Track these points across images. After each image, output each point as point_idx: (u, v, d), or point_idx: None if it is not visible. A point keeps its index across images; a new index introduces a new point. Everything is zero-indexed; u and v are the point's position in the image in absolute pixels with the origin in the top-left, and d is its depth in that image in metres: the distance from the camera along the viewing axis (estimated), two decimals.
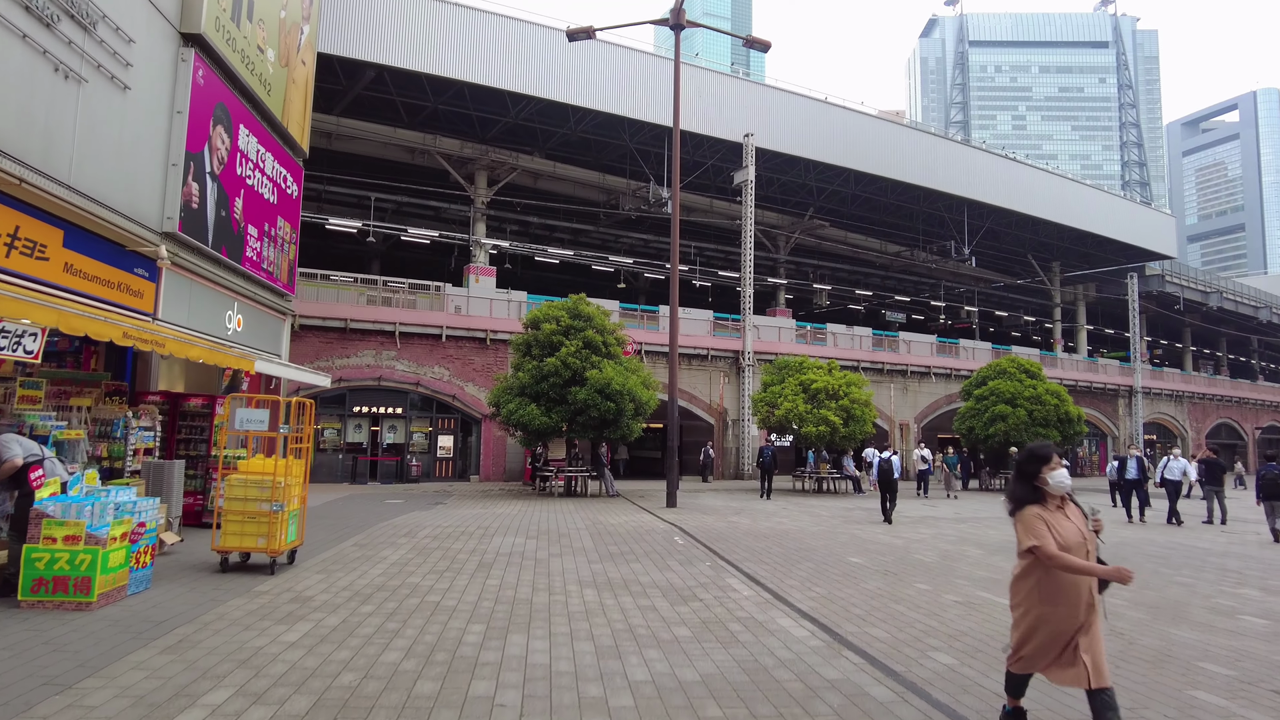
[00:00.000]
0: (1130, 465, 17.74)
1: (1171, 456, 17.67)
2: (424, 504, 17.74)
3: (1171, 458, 17.68)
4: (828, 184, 38.54)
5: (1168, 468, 17.58)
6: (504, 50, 28.75)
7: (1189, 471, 17.57)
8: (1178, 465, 17.49)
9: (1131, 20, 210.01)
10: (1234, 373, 66.12)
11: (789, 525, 14.36)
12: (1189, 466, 17.69)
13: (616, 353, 21.37)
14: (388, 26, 26.89)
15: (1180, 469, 17.46)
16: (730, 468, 31.34)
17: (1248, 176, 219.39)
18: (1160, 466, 18.03)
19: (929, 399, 37.36)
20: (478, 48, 28.44)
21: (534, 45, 29.25)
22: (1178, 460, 17.62)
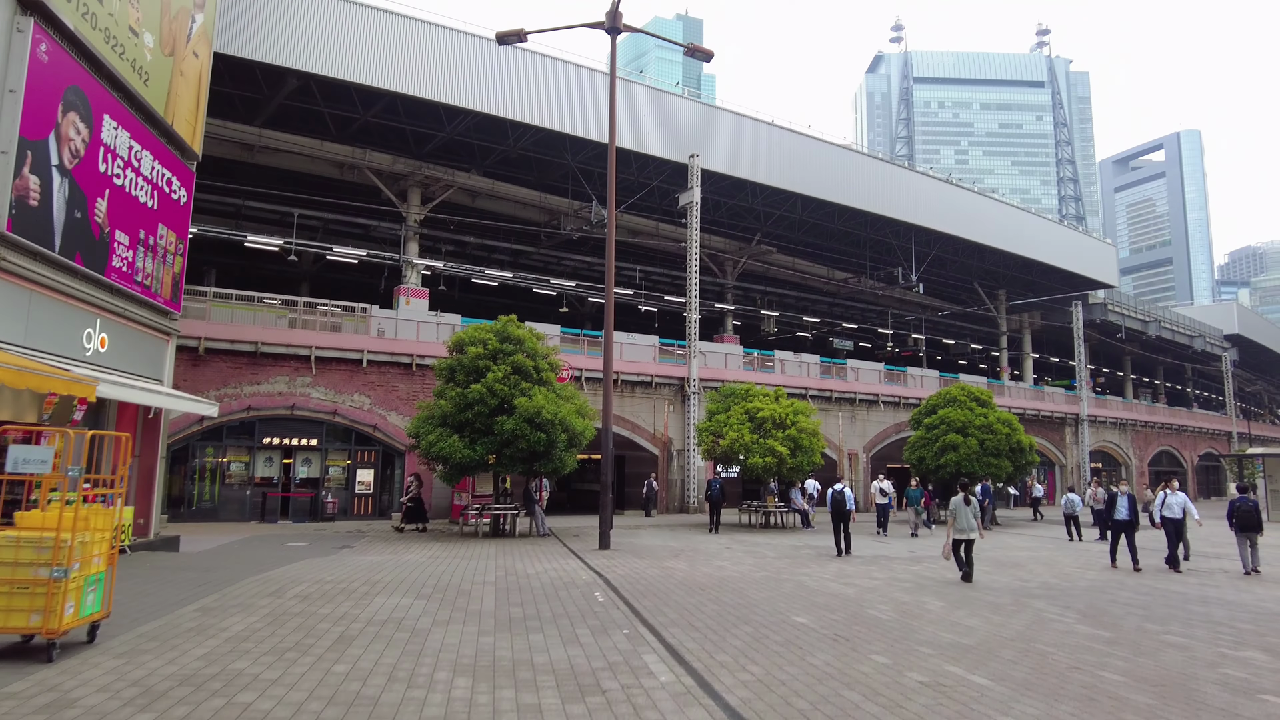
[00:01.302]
0: (1121, 504, 15.29)
1: (1169, 491, 15.61)
2: (329, 548, 15.81)
3: (1169, 492, 15.45)
4: (775, 209, 37.74)
5: (1166, 504, 15.31)
6: (438, 61, 27.26)
7: (1189, 508, 15.18)
8: (1177, 500, 15.21)
9: (1065, 62, 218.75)
10: (1171, 401, 67.27)
11: (730, 570, 12.86)
12: (1189, 503, 15.29)
13: (550, 379, 19.76)
14: (312, 32, 25.18)
15: (1180, 504, 15.20)
16: (675, 501, 29.81)
17: (1174, 213, 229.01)
18: (1157, 502, 15.84)
19: (878, 427, 36.47)
20: (410, 58, 26.88)
21: (470, 57, 27.82)
22: (1176, 494, 15.33)
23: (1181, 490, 15.89)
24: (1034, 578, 12.87)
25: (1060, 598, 10.78)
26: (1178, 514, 15.14)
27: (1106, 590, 11.57)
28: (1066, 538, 21.24)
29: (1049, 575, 13.27)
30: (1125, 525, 15.09)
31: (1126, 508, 15.14)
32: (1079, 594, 11.19)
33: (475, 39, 28.15)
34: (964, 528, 12.32)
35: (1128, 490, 15.55)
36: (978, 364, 56.10)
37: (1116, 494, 15.58)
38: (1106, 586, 11.93)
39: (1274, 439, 64.60)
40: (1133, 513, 15.11)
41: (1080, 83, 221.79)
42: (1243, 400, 67.16)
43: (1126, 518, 15.07)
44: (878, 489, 23.31)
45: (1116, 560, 15.28)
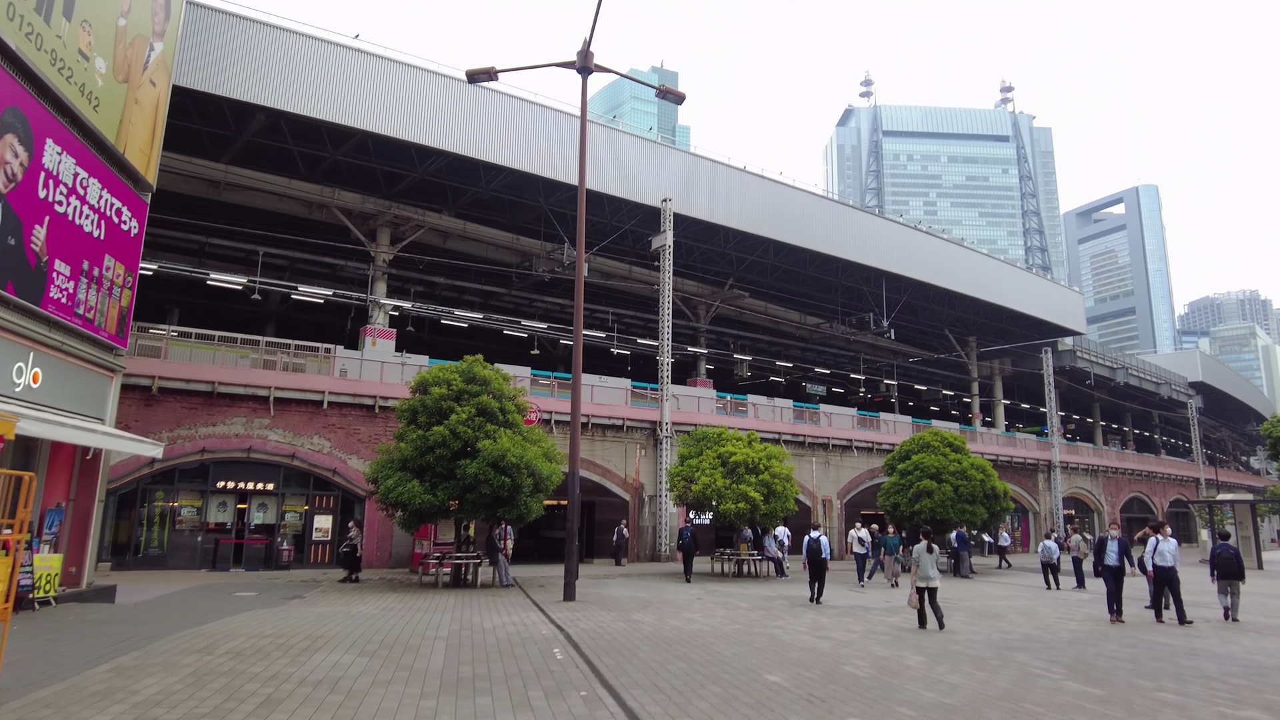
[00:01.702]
0: (1111, 549, 14.41)
1: (1161, 537, 14.34)
2: (278, 598, 14.92)
3: (1161, 538, 14.34)
4: (748, 254, 37.79)
5: (1158, 552, 14.21)
6: (411, 101, 27.08)
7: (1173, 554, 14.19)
8: (1169, 548, 14.15)
9: (1028, 118, 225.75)
10: (1139, 447, 67.83)
11: (700, 624, 12.20)
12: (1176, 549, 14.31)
13: (516, 421, 19.14)
14: (282, 69, 24.91)
15: (1173, 551, 14.14)
16: (647, 548, 29.01)
17: (1135, 264, 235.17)
18: (1149, 549, 14.55)
19: (851, 473, 36.08)
20: (382, 97, 26.68)
21: (443, 97, 27.70)
22: (1168, 541, 14.28)
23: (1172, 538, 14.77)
24: (1015, 629, 12.36)
25: (1044, 650, 10.28)
26: (1169, 561, 14.07)
27: (1091, 642, 11.08)
28: (1044, 586, 20.81)
29: (1030, 626, 12.77)
30: (1115, 571, 14.26)
31: (1116, 553, 14.31)
32: (1063, 646, 10.70)
33: (448, 80, 28.06)
34: (927, 575, 12.35)
35: (1119, 535, 14.75)
36: (949, 410, 56.21)
37: (1106, 539, 14.83)
38: (1090, 638, 11.45)
39: (1239, 485, 65.22)
40: (1123, 559, 14.31)
41: (1043, 137, 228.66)
42: (1208, 447, 67.90)
43: (1116, 564, 14.24)
44: (856, 537, 22.51)
45: (1117, 612, 14.00)
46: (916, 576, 12.46)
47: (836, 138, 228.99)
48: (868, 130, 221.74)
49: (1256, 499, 36.01)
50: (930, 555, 12.51)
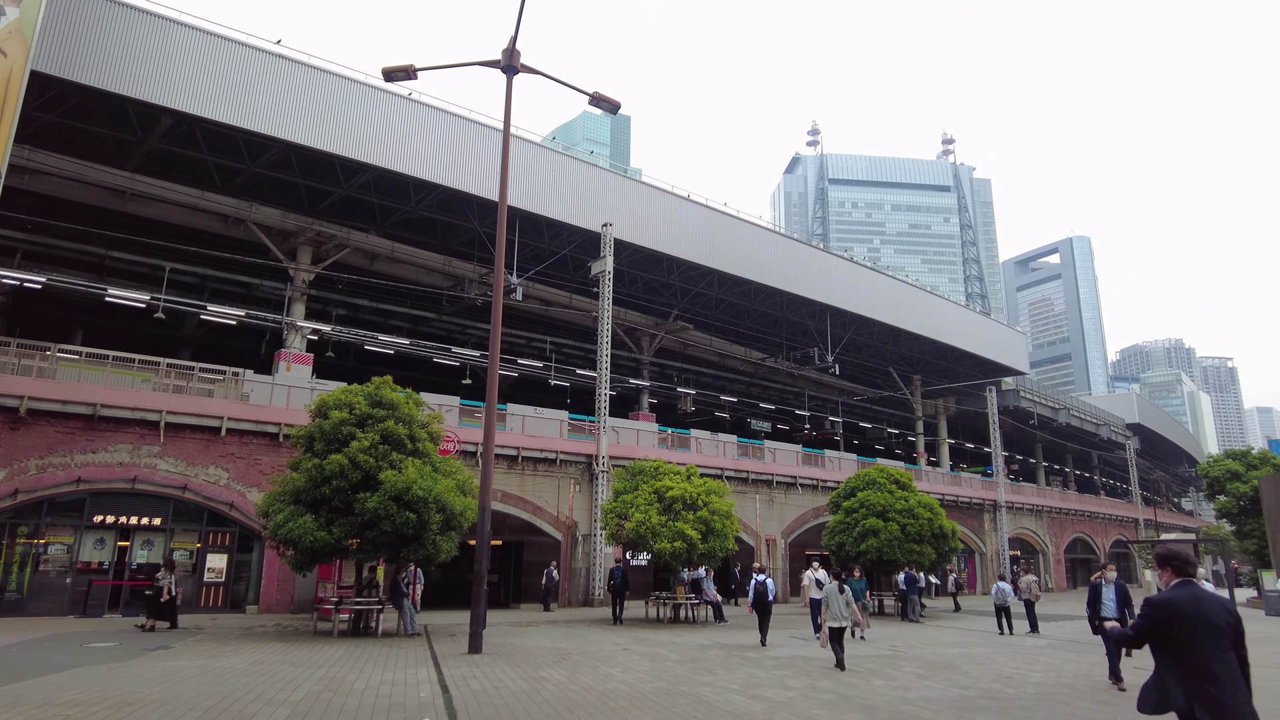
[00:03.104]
0: (1107, 596, 11.61)
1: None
2: (138, 649, 12.84)
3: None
4: (692, 285, 36.74)
5: None
6: (336, 112, 25.48)
7: None
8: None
9: (969, 169, 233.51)
10: (1079, 488, 68.29)
11: (617, 681, 10.52)
12: None
13: (428, 450, 17.32)
14: (193, 70, 23.08)
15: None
16: (580, 592, 27.06)
17: (1070, 311, 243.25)
18: None
19: (796, 511, 34.78)
20: (305, 107, 25.02)
21: (371, 110, 26.18)
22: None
23: None
24: (973, 683, 10.96)
25: (1010, 712, 8.88)
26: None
27: (1060, 699, 9.72)
28: (997, 630, 19.57)
29: (989, 679, 11.39)
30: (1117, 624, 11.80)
31: (1115, 601, 11.48)
32: (1029, 706, 9.32)
33: (378, 91, 26.58)
34: (837, 615, 12.48)
35: (1116, 579, 11.88)
36: (894, 449, 55.69)
37: (1100, 584, 11.75)
38: (1058, 694, 10.09)
39: (1175, 525, 65.99)
40: (1123, 610, 11.39)
41: (983, 188, 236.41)
42: (1145, 488, 68.72)
43: (1115, 615, 11.37)
44: (813, 579, 19.14)
45: (1117, 675, 11.23)
46: (827, 616, 12.52)
47: (784, 184, 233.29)
48: (814, 178, 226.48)
49: (1197, 539, 35.75)
50: (841, 596, 12.61)
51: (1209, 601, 4.51)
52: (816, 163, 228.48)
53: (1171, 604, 4.50)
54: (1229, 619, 4.47)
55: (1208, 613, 4.44)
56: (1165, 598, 4.59)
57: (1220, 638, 4.41)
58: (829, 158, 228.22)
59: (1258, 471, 40.07)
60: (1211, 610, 4.45)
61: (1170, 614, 4.51)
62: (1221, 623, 4.43)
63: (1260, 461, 41.38)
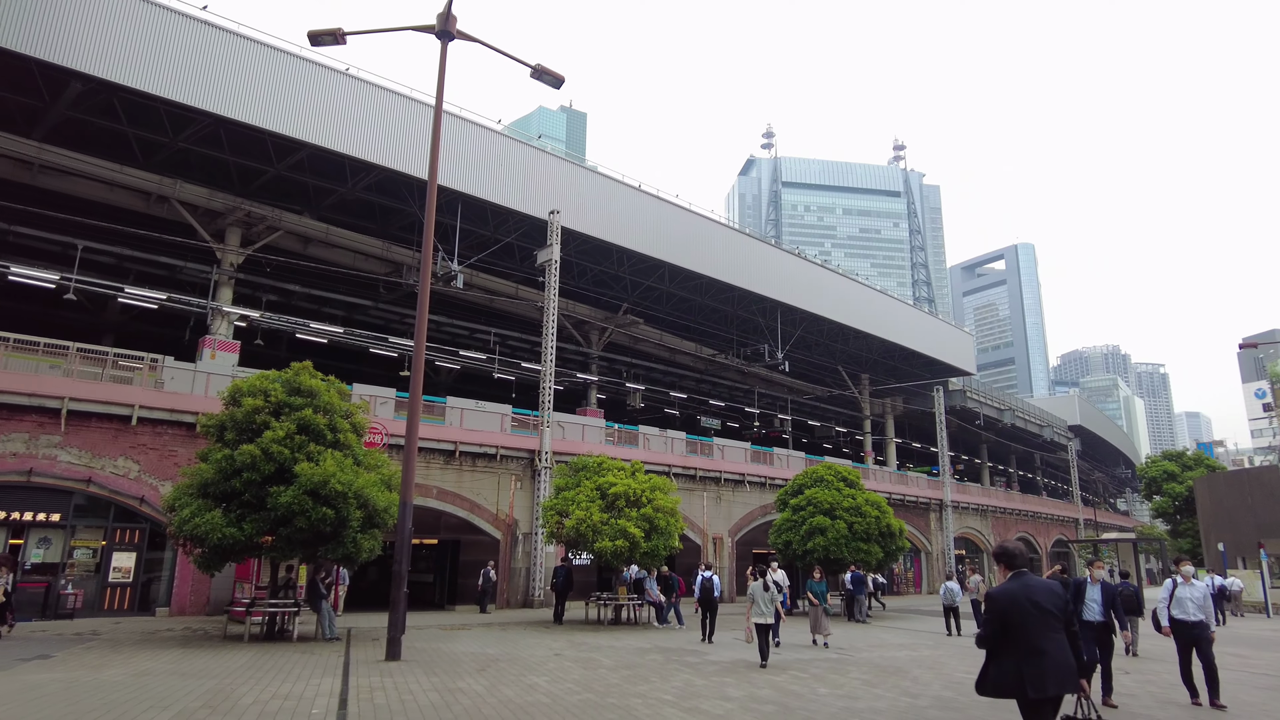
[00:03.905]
0: (1092, 596, 10.01)
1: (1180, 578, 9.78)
2: (12, 659, 11.44)
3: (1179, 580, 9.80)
4: (643, 278, 35.94)
5: (1176, 599, 9.76)
6: (269, 86, 24.05)
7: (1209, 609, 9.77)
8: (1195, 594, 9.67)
9: (919, 175, 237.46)
10: (1022, 488, 69.40)
11: (542, 692, 9.60)
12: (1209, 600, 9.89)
13: (350, 442, 16.14)
14: (107, 32, 21.44)
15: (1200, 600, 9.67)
16: (519, 593, 26.01)
17: (1014, 317, 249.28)
18: (1162, 595, 10.06)
19: (744, 509, 34.22)
20: (234, 78, 23.55)
21: (307, 86, 24.80)
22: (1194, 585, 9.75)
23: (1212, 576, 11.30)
24: (923, 690, 10.32)
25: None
26: (1194, 615, 9.59)
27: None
28: (945, 632, 19.14)
29: (940, 685, 10.76)
30: (1100, 631, 9.85)
31: (1100, 603, 9.90)
32: (980, 712, 8.70)
33: (313, 65, 25.23)
34: (762, 612, 12.77)
35: (1104, 576, 10.23)
36: (842, 448, 55.72)
37: (1084, 582, 10.14)
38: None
39: (1113, 525, 67.47)
40: (1109, 612, 9.90)
41: (932, 194, 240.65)
42: (1084, 489, 70.15)
43: (1100, 618, 9.87)
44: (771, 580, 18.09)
45: (1106, 689, 9.74)
46: (752, 613, 12.84)
47: (739, 186, 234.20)
48: (768, 180, 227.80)
49: (1135, 539, 36.29)
50: (766, 593, 12.89)
51: (1038, 589, 5.16)
52: (770, 165, 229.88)
53: (1007, 594, 5.13)
54: (1058, 603, 5.15)
55: (1038, 599, 5.09)
56: (1002, 589, 5.21)
57: (1050, 619, 5.07)
58: (783, 161, 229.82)
59: (1192, 473, 40.95)
60: (1041, 596, 5.10)
61: (1007, 602, 5.10)
62: (1051, 606, 5.09)
63: (1194, 463, 42.29)
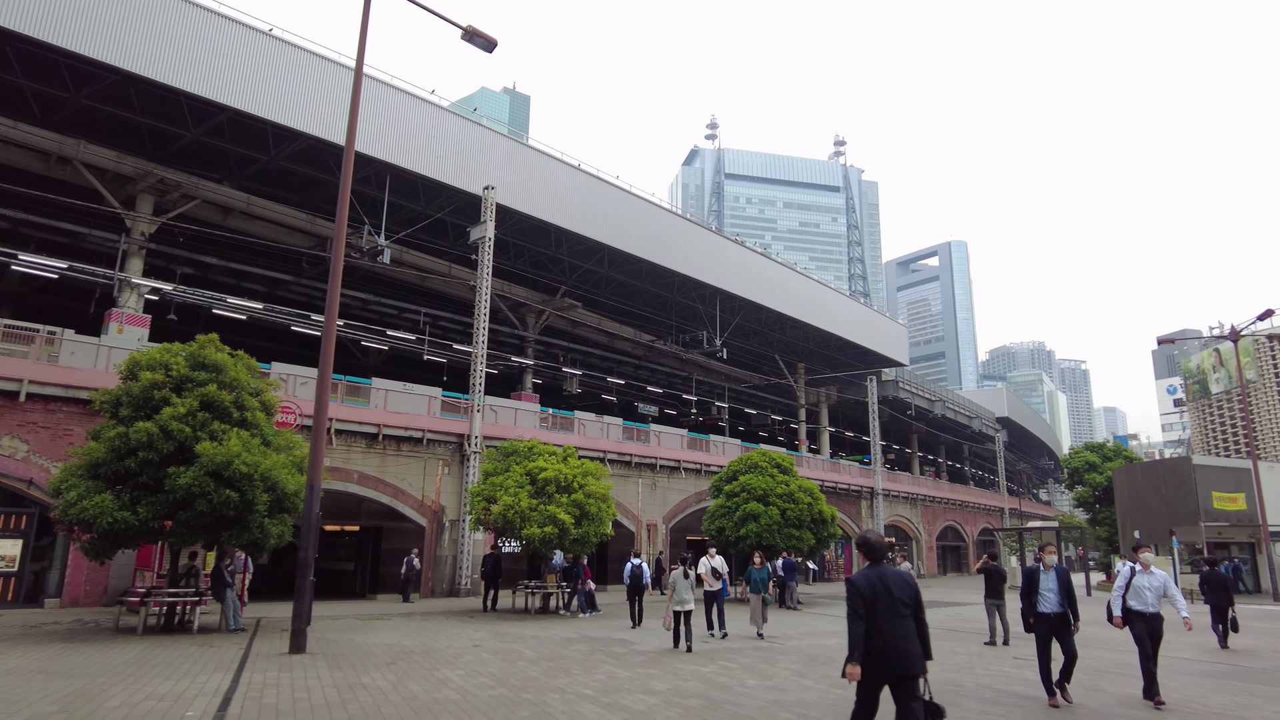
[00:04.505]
0: (1046, 585, 8.80)
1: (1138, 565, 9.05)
2: None
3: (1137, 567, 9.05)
4: (582, 261, 35.22)
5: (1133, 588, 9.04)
6: (184, 43, 22.56)
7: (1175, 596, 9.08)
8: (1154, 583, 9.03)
9: (858, 171, 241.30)
10: (950, 478, 71.15)
11: (453, 688, 8.96)
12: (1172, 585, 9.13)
13: (258, 420, 15.10)
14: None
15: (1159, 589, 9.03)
16: (445, 582, 25.16)
17: (946, 312, 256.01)
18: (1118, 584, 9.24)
19: (679, 496, 33.95)
20: (145, 32, 22.02)
21: (226, 44, 23.36)
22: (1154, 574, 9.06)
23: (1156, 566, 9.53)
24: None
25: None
26: (1151, 606, 8.88)
27: (943, 699, 8.79)
28: None
29: None
30: (1057, 624, 8.66)
31: (1056, 592, 8.69)
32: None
33: (234, 24, 23.86)
34: (682, 599, 13.03)
35: (1057, 564, 9.06)
36: (777, 436, 56.07)
37: (1036, 570, 8.95)
38: (942, 694, 9.17)
39: (1036, 514, 69.72)
40: (1066, 601, 8.66)
41: (870, 190, 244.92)
42: (1010, 479, 72.33)
43: (1059, 609, 8.65)
44: (709, 568, 15.73)
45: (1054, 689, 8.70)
46: (672, 600, 13.08)
47: (682, 176, 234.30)
48: (711, 171, 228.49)
49: (1059, 527, 37.34)
50: (686, 580, 13.22)
51: (892, 577, 5.52)
52: (714, 157, 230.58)
53: (866, 579, 5.48)
54: (909, 591, 5.51)
55: (890, 586, 5.45)
56: (861, 574, 5.54)
57: (901, 606, 5.42)
58: (726, 152, 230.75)
59: (1111, 463, 42.35)
60: (893, 584, 5.46)
61: (865, 587, 5.44)
62: (901, 593, 5.44)
63: (1114, 454, 43.75)
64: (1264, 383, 40.35)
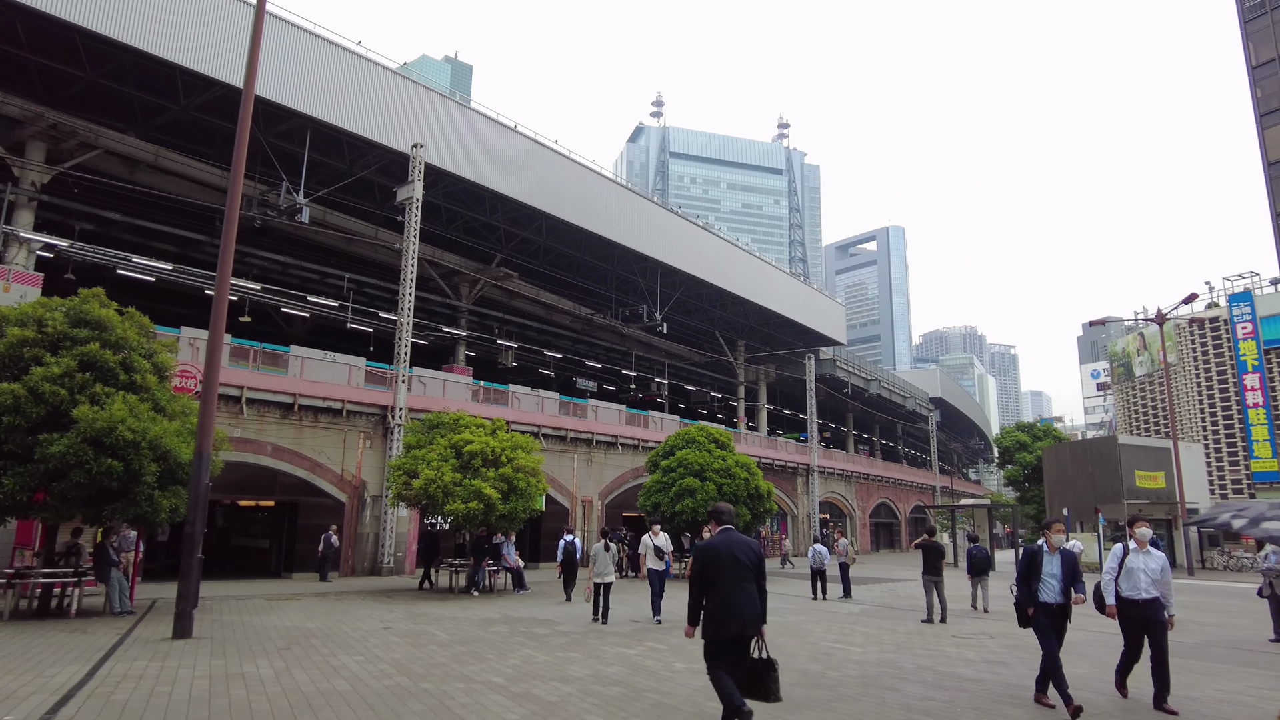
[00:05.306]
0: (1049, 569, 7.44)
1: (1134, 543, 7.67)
2: None
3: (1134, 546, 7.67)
4: (519, 229, 33.96)
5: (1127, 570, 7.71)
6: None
7: None
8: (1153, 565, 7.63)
9: (800, 154, 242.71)
10: (884, 456, 72.29)
11: (349, 675, 8.02)
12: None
13: (149, 384, 13.70)
14: None
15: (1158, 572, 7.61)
16: (366, 560, 23.94)
17: (882, 296, 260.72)
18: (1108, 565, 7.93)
19: (616, 472, 33.26)
20: None
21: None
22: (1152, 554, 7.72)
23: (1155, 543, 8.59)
24: (789, 663, 9.42)
25: (833, 704, 7.26)
26: (1145, 592, 7.50)
27: (886, 683, 8.27)
28: (810, 595, 18.73)
29: (806, 658, 9.91)
30: (1059, 616, 7.38)
31: (1061, 579, 7.37)
32: (854, 692, 7.79)
33: None
34: (601, 572, 13.30)
35: (1066, 543, 8.24)
36: (716, 413, 55.87)
37: (1038, 551, 7.54)
38: (884, 677, 8.66)
39: (967, 493, 71.39)
40: (1069, 586, 7.35)
41: (812, 174, 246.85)
42: (942, 459, 73.87)
43: (1060, 598, 7.35)
44: (651, 547, 14.47)
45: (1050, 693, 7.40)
46: (593, 573, 13.31)
47: (627, 153, 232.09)
48: (656, 149, 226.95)
49: (990, 505, 37.99)
50: (607, 553, 13.48)
51: (738, 544, 5.75)
52: (659, 134, 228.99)
53: (711, 547, 5.74)
54: (753, 557, 5.76)
55: (735, 552, 5.67)
56: (708, 542, 5.81)
57: (744, 571, 5.65)
58: (671, 131, 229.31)
59: (1041, 443, 43.28)
60: (739, 551, 5.69)
61: (710, 554, 5.69)
62: (746, 560, 5.69)
63: (1044, 434, 44.76)
64: (1184, 366, 41.67)
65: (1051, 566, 7.38)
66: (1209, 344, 41.49)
